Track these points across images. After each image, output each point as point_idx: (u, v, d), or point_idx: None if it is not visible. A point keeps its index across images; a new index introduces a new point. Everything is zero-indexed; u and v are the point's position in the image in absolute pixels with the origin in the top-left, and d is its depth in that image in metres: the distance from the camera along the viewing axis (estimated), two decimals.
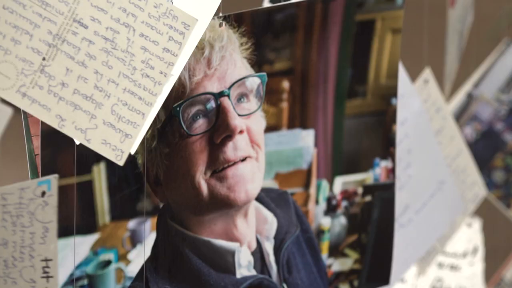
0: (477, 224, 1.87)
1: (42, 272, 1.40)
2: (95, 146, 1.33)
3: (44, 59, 1.31)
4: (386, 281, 1.75)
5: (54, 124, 1.32)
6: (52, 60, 1.31)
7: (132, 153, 1.35)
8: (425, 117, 1.76)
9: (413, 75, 1.75)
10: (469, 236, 1.86)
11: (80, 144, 1.34)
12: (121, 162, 1.34)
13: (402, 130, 1.74)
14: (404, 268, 1.83)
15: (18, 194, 1.44)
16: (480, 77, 1.85)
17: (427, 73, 1.75)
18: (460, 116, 1.84)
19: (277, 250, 1.59)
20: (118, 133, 1.35)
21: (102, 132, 1.35)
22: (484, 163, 1.85)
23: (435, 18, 1.81)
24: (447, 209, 1.84)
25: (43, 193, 1.40)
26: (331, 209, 1.67)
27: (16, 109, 1.89)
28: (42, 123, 1.34)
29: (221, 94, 1.47)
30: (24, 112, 1.34)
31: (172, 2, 1.45)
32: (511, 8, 3.44)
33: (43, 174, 1.37)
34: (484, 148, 1.86)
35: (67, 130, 1.32)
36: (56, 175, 1.37)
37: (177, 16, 1.37)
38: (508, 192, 1.88)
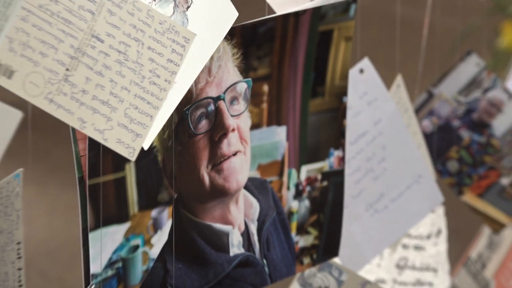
0: (440, 210, 1.97)
1: (16, 254, 1.52)
2: (111, 144, 1.43)
3: (67, 69, 1.39)
4: (336, 254, 1.84)
5: (76, 126, 1.41)
6: (74, 71, 1.39)
7: (145, 148, 1.45)
8: (400, 118, 1.86)
9: (388, 83, 1.86)
10: (433, 220, 1.97)
11: None
12: (133, 158, 1.44)
13: (375, 129, 1.85)
14: (377, 250, 1.92)
15: (6, 188, 1.57)
16: (440, 78, 1.97)
17: (398, 79, 1.86)
18: (419, 110, 1.97)
19: (259, 230, 1.72)
20: (130, 133, 1.45)
21: (117, 132, 1.44)
22: (439, 153, 1.99)
23: (406, 32, 1.96)
24: (425, 200, 1.91)
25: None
26: (298, 194, 1.77)
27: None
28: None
29: (218, 98, 1.59)
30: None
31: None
32: (469, 25, 3.54)
33: (89, 173, 1.47)
34: (439, 140, 1.98)
35: (87, 131, 1.42)
36: (21, 169, 1.50)
37: (178, 31, 1.47)
38: (460, 181, 2.02)
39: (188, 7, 1.52)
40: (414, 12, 1.89)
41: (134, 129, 1.46)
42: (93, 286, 1.53)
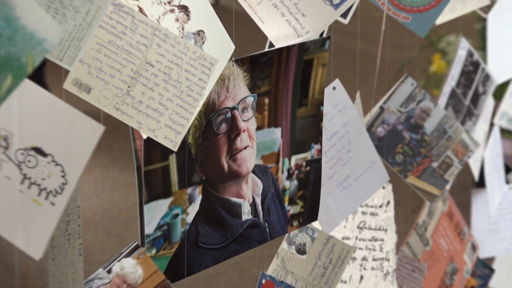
0: (389, 187, 1.96)
1: (77, 215, 1.46)
2: (160, 139, 1.45)
3: (129, 86, 1.40)
4: (316, 218, 1.83)
5: (135, 126, 1.43)
6: (133, 87, 1.40)
7: (175, 148, 1.47)
8: (360, 121, 1.84)
9: (352, 96, 1.84)
10: (384, 194, 1.96)
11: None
12: (175, 149, 1.47)
13: (344, 129, 1.83)
14: (345, 215, 1.90)
15: None
16: (388, 97, 1.94)
17: (357, 96, 1.84)
18: (375, 120, 1.94)
19: (262, 202, 1.71)
20: (173, 131, 1.46)
21: (164, 131, 1.45)
22: (389, 150, 1.97)
23: (364, 61, 1.94)
24: (377, 180, 1.91)
25: None
26: (289, 176, 1.76)
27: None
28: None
29: (233, 108, 1.59)
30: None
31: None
32: (409, 56, 3.52)
33: (144, 162, 1.48)
34: (389, 140, 1.96)
35: (143, 130, 1.43)
36: None
37: (206, 58, 1.47)
38: (405, 168, 1.98)
39: (203, 42, 1.52)
40: (370, 47, 1.87)
41: (176, 128, 1.47)
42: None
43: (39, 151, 1.35)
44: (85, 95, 1.36)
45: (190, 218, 1.61)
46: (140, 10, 1.42)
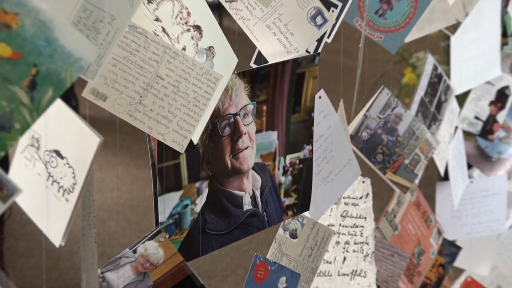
0: (368, 181, 1.94)
1: (93, 205, 1.47)
2: (168, 143, 1.43)
3: (141, 96, 1.38)
4: (308, 209, 1.81)
5: (146, 131, 1.40)
6: (145, 97, 1.38)
7: (195, 141, 1.46)
8: (340, 125, 1.82)
9: (335, 105, 1.81)
10: (363, 187, 1.94)
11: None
12: (182, 151, 1.44)
13: (328, 132, 1.82)
14: (329, 206, 1.89)
15: None
16: (369, 106, 1.92)
17: (341, 103, 1.82)
18: (360, 126, 1.92)
19: (261, 195, 1.70)
20: (180, 136, 1.43)
21: (172, 135, 1.43)
22: (372, 151, 1.95)
23: (346, 74, 1.93)
24: (352, 174, 1.90)
25: None
26: (285, 172, 1.74)
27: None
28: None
29: (236, 114, 1.58)
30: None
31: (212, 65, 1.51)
32: (384, 70, 3.54)
33: (158, 160, 1.47)
34: (371, 143, 1.95)
35: (153, 134, 1.41)
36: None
37: (211, 74, 1.44)
38: (384, 165, 1.96)
39: (213, 56, 1.51)
40: (351, 62, 1.86)
41: (183, 133, 1.45)
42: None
43: (58, 153, 1.41)
44: (102, 102, 1.35)
45: (198, 208, 1.58)
46: (163, 29, 1.42)
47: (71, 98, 5.76)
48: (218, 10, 7.86)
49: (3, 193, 1.12)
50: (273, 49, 1.74)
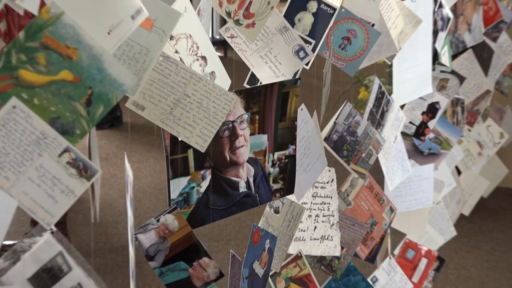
0: (333, 169, 1.92)
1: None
2: (193, 144, 1.41)
3: (171, 108, 1.37)
4: (292, 192, 1.78)
5: (174, 134, 1.40)
6: (174, 109, 1.37)
7: (203, 150, 1.43)
8: (314, 130, 1.81)
9: (311, 114, 1.79)
10: (329, 175, 1.92)
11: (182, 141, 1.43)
12: (203, 151, 1.43)
13: (307, 135, 1.80)
14: (307, 189, 1.86)
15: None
16: (337, 115, 1.90)
17: (314, 114, 1.80)
18: (332, 130, 1.91)
19: (254, 181, 1.66)
20: (202, 139, 1.41)
21: (195, 139, 1.41)
22: (340, 148, 1.93)
23: (318, 92, 1.92)
24: (321, 165, 1.87)
25: None
26: (273, 165, 1.70)
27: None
28: (167, 134, 1.42)
29: (233, 121, 1.55)
30: (162, 130, 1.40)
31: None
32: (345, 89, 3.54)
33: (170, 153, 1.45)
34: (340, 143, 1.94)
35: (180, 137, 1.40)
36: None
37: (228, 94, 1.42)
38: (348, 159, 1.94)
39: (215, 78, 1.50)
40: (321, 83, 1.85)
41: (204, 138, 1.43)
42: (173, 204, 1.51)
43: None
44: (140, 112, 1.34)
45: (202, 190, 1.56)
46: (181, 59, 1.40)
47: (116, 109, 5.75)
48: (224, 45, 7.88)
49: (88, 174, 1.11)
50: (265, 74, 1.72)
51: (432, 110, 2.40)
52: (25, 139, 1.03)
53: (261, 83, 1.75)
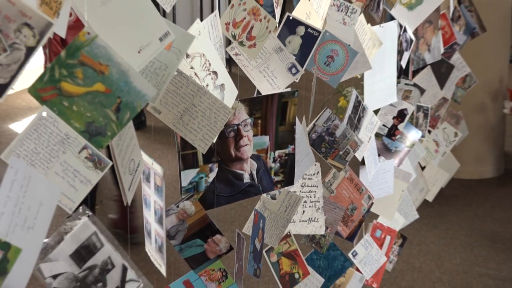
0: (318, 164, 1.89)
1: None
2: (196, 146, 1.39)
3: (181, 115, 1.34)
4: (292, 183, 1.73)
5: (183, 136, 1.38)
6: (184, 116, 1.35)
7: (204, 151, 1.41)
8: (303, 132, 1.78)
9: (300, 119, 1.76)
10: (315, 168, 1.89)
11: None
12: (204, 152, 1.41)
13: (300, 138, 1.76)
14: (298, 180, 1.81)
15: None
16: (317, 119, 1.89)
17: (303, 118, 1.78)
18: (311, 130, 1.88)
19: (257, 174, 1.63)
20: (203, 143, 1.39)
21: (199, 142, 1.38)
22: (319, 146, 1.90)
23: (306, 101, 1.90)
24: (310, 161, 1.85)
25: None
26: (274, 161, 1.67)
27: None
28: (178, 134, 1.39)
29: (238, 124, 1.53)
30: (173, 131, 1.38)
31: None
32: (327, 99, 3.53)
33: (181, 149, 1.43)
34: (319, 141, 1.90)
35: (187, 139, 1.38)
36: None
37: (227, 108, 1.39)
38: (326, 155, 1.92)
39: (224, 90, 1.47)
40: (308, 93, 1.83)
41: (205, 141, 1.41)
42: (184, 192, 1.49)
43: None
44: (157, 115, 1.32)
45: (210, 180, 1.53)
46: (195, 74, 1.38)
47: (141, 114, 5.73)
48: (229, 62, 7.89)
49: (101, 166, 1.10)
50: (264, 86, 1.70)
51: (401, 115, 2.39)
52: (52, 140, 1.04)
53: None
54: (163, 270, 1.43)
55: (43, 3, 0.96)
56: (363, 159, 2.24)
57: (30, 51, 0.94)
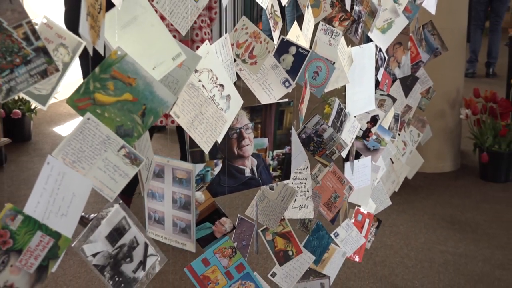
0: (307, 160, 1.86)
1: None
2: (201, 146, 1.34)
3: (192, 120, 1.31)
4: (288, 178, 1.72)
5: (193, 137, 1.33)
6: (194, 121, 1.32)
7: (207, 151, 1.38)
8: (296, 135, 1.76)
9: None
10: (305, 163, 1.85)
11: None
12: (206, 152, 1.37)
13: (294, 140, 1.73)
14: (293, 172, 1.78)
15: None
16: (307, 122, 1.81)
17: (294, 123, 1.73)
18: (301, 131, 1.85)
19: (257, 169, 1.61)
20: (206, 144, 1.34)
21: (203, 144, 1.34)
22: (307, 144, 1.87)
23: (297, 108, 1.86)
24: (302, 158, 1.82)
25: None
26: (272, 159, 1.66)
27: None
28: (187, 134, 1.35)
29: (240, 128, 1.51)
30: (185, 132, 1.35)
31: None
32: (315, 107, 3.51)
33: (190, 146, 1.41)
34: (308, 142, 1.88)
35: (196, 140, 1.33)
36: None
37: (225, 117, 1.37)
38: (314, 152, 1.89)
39: (230, 100, 1.43)
40: (299, 102, 1.81)
41: (208, 144, 1.37)
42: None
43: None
44: (177, 119, 1.28)
45: (215, 173, 1.51)
46: (203, 86, 1.36)
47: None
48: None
49: (137, 162, 1.10)
50: (262, 96, 1.69)
51: (373, 120, 2.38)
52: (95, 140, 1.04)
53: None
54: (189, 247, 1.42)
55: (91, 28, 0.99)
56: (346, 156, 2.23)
57: (66, 66, 0.97)
